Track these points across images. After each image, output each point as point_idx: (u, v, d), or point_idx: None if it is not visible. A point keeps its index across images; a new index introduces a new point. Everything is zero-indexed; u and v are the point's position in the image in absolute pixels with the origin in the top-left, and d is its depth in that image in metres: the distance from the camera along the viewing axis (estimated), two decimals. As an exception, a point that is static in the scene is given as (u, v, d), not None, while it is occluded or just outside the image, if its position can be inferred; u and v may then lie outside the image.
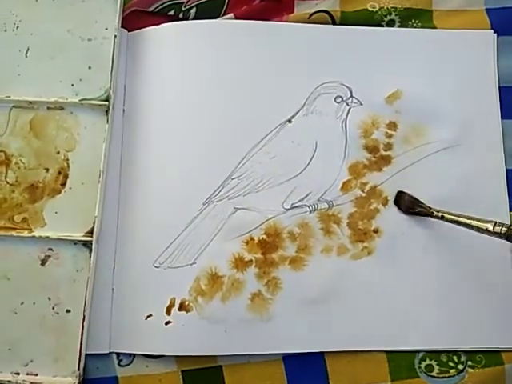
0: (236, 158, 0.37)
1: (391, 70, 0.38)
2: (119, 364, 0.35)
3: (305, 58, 0.38)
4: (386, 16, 0.40)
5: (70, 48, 0.38)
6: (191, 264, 0.35)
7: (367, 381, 0.35)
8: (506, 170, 0.38)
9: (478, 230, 0.32)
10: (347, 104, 0.38)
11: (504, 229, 0.31)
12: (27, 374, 0.34)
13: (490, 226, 0.32)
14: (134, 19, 0.40)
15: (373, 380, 0.35)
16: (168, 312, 0.34)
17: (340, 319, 0.35)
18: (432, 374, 0.35)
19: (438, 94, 0.38)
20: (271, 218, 0.36)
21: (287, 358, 0.35)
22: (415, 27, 0.40)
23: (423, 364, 0.35)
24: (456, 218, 0.33)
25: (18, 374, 0.34)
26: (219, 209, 0.36)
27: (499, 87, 0.39)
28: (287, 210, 0.36)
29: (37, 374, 0.34)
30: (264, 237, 0.36)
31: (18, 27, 0.38)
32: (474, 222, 0.32)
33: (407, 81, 0.38)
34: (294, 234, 0.36)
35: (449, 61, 0.39)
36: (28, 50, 0.38)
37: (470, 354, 0.35)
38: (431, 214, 0.35)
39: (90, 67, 0.38)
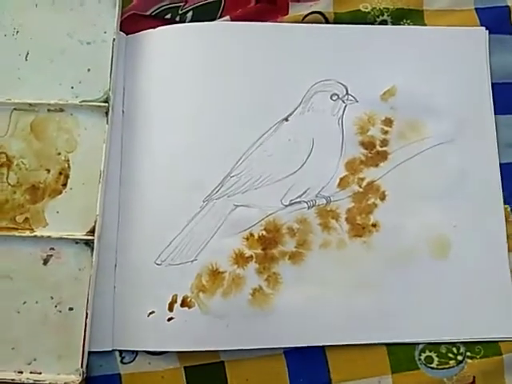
0: (235, 156, 0.37)
1: (385, 68, 0.39)
2: (122, 361, 0.35)
3: (300, 57, 0.39)
4: (378, 16, 0.41)
5: (69, 51, 0.39)
6: (192, 261, 0.36)
7: (368, 374, 0.35)
8: (500, 164, 0.38)
9: None
10: (343, 101, 0.38)
11: None
12: (31, 373, 0.34)
13: None
14: (131, 23, 0.40)
15: (374, 373, 0.35)
16: (170, 308, 0.35)
17: (340, 313, 0.35)
18: (432, 365, 0.35)
19: (432, 90, 0.39)
20: (270, 214, 0.36)
21: (288, 352, 0.35)
22: (407, 26, 0.41)
23: (423, 356, 0.35)
24: None
25: (21, 372, 0.34)
26: (219, 206, 0.36)
27: (492, 83, 0.40)
28: (286, 206, 0.37)
29: (40, 373, 0.34)
30: (264, 233, 0.36)
31: (17, 32, 0.39)
32: None
33: (401, 78, 0.39)
34: (293, 229, 0.36)
35: (442, 57, 0.40)
36: (28, 53, 0.39)
37: (468, 345, 0.36)
38: None
39: (89, 70, 0.38)
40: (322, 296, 0.35)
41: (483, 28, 0.41)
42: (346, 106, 0.38)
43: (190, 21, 0.41)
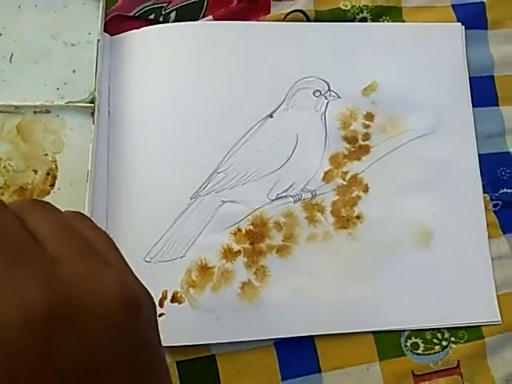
0: (221, 153, 0.38)
1: (366, 64, 0.40)
2: (114, 358, 0.35)
3: (283, 55, 0.40)
4: (358, 14, 0.42)
5: (54, 53, 0.39)
6: (181, 257, 0.36)
7: (357, 362, 0.36)
8: (479, 155, 0.40)
9: None
10: (325, 97, 0.39)
11: None
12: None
13: None
14: (115, 24, 0.41)
15: (362, 360, 0.36)
16: (161, 304, 0.35)
17: (327, 303, 0.36)
18: (418, 351, 0.36)
19: (412, 85, 0.40)
20: (257, 208, 0.37)
21: (278, 343, 0.36)
22: (386, 23, 0.42)
23: (409, 342, 0.36)
24: None
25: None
26: (207, 202, 0.37)
27: (469, 77, 0.41)
28: (272, 200, 0.37)
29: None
30: (251, 227, 0.37)
31: (1, 34, 0.39)
32: None
33: (382, 73, 0.40)
34: (279, 223, 0.37)
35: (421, 52, 0.41)
36: (12, 55, 0.39)
37: (452, 330, 0.37)
38: None
39: (74, 71, 0.39)
40: (309, 287, 0.36)
41: (459, 24, 0.42)
42: (328, 102, 0.39)
43: (174, 21, 0.41)
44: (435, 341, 0.36)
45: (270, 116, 0.39)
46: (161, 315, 0.35)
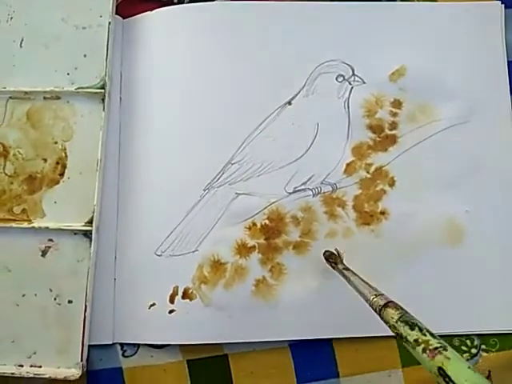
0: (236, 142, 0.36)
1: (394, 46, 0.37)
2: (123, 355, 0.34)
3: (304, 37, 0.37)
4: (387, -8, 0.39)
5: (64, 37, 0.37)
6: (193, 251, 0.34)
7: (378, 367, 0.34)
8: (517, 146, 0.36)
9: (361, 294, 0.29)
10: (349, 83, 0.36)
11: (380, 302, 0.27)
12: (31, 366, 0.33)
13: (371, 297, 0.28)
14: (128, 6, 0.39)
15: (384, 366, 0.34)
16: (171, 300, 0.34)
17: (347, 304, 0.34)
18: (444, 358, 0.34)
19: (444, 70, 0.37)
20: (274, 202, 0.35)
21: (294, 345, 0.34)
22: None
23: (435, 348, 0.34)
24: (351, 278, 0.30)
25: (21, 366, 0.33)
26: (220, 194, 0.35)
27: (507, 61, 0.38)
28: (290, 193, 0.35)
29: (40, 366, 0.33)
30: (267, 222, 0.35)
31: (11, 18, 0.38)
32: (361, 288, 0.29)
33: (411, 57, 0.37)
34: (297, 218, 0.35)
35: (454, 34, 0.37)
36: (22, 40, 0.37)
37: (483, 337, 0.34)
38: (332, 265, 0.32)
39: (85, 55, 0.37)
40: (328, 287, 0.34)
41: (499, 2, 0.38)
42: (352, 88, 0.36)
43: (188, 2, 0.39)
44: (464, 348, 0.34)
45: (289, 103, 0.36)
46: (171, 312, 0.34)
